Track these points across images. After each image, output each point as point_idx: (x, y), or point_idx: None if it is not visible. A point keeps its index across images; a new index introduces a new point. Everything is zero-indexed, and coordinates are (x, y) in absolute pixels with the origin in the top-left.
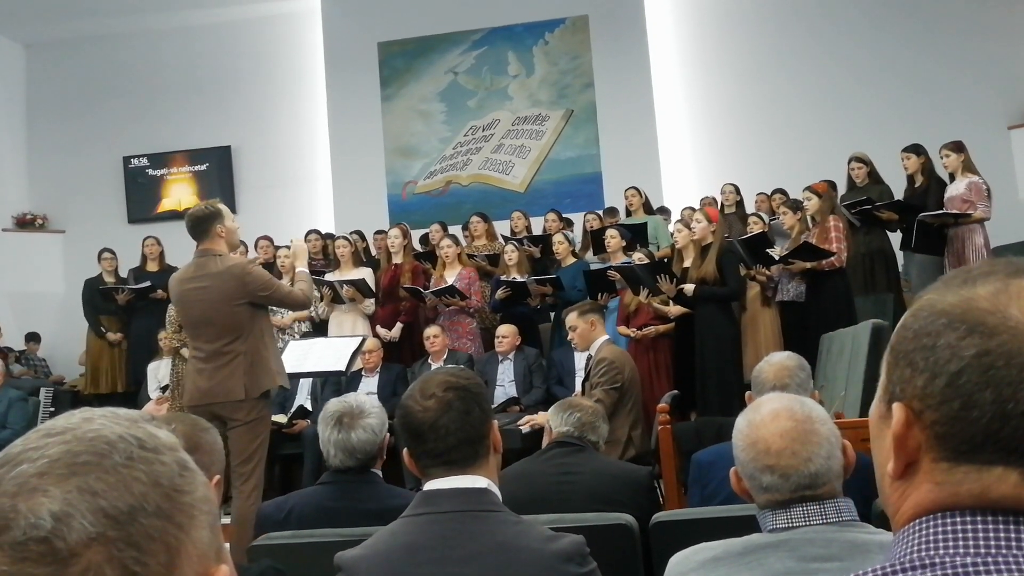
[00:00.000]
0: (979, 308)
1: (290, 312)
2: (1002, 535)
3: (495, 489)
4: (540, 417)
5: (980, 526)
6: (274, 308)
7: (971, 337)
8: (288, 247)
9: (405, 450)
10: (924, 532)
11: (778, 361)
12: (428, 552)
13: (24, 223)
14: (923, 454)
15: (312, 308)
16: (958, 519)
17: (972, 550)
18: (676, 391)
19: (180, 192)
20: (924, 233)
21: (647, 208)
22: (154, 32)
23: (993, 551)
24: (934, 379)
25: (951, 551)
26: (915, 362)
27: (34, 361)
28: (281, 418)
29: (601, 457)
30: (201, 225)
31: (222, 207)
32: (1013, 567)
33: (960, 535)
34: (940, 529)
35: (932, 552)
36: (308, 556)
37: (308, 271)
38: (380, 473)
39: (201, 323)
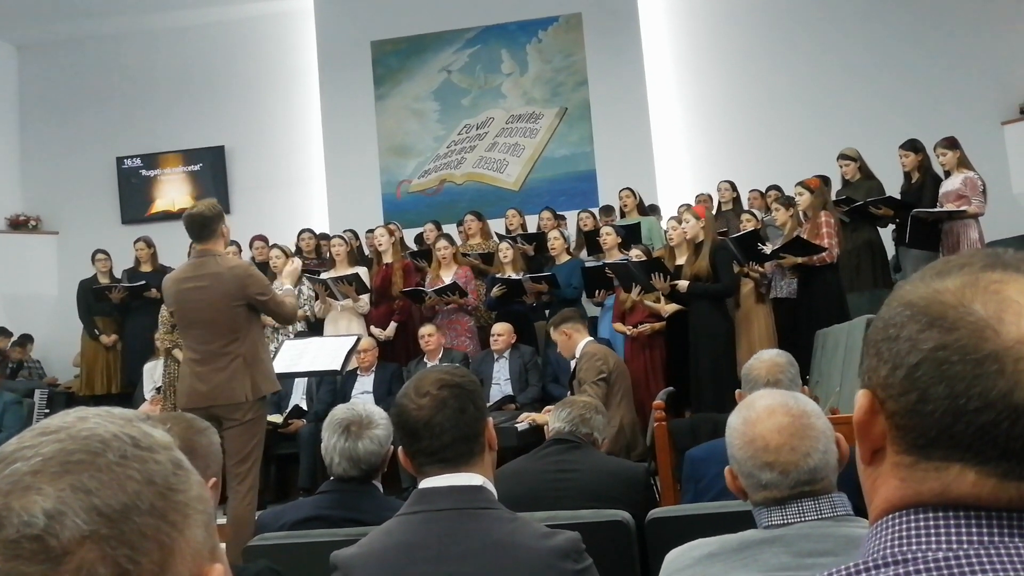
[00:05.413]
0: (942, 302)
1: None
2: (974, 531)
3: (491, 487)
4: (540, 415)
5: (952, 521)
6: None
7: (930, 331)
8: (283, 249)
9: (400, 448)
10: (895, 528)
11: (769, 358)
12: (424, 550)
13: (17, 224)
14: (888, 444)
15: (307, 307)
16: (930, 514)
17: (944, 545)
18: (671, 388)
19: (174, 193)
20: (919, 228)
21: (641, 209)
22: (146, 32)
23: (965, 545)
24: (895, 370)
25: (923, 546)
26: (881, 352)
27: (29, 363)
28: (277, 418)
29: (597, 454)
30: (210, 225)
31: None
32: (984, 560)
33: (933, 531)
34: (912, 525)
35: (905, 548)
36: (304, 556)
37: (293, 289)
38: (380, 486)
39: (198, 323)
